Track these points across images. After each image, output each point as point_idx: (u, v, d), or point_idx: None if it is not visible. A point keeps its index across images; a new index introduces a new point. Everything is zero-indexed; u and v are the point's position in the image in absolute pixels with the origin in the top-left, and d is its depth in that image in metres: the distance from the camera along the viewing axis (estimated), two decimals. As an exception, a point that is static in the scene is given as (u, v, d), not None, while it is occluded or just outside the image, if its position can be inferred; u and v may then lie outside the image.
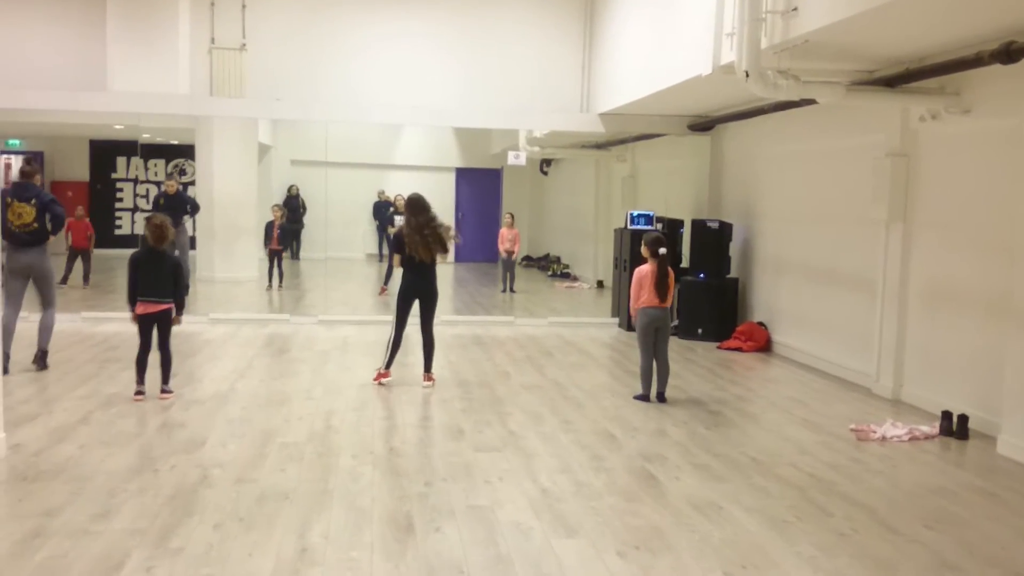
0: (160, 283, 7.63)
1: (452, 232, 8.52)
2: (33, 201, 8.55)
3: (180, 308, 7.81)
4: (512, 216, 16.39)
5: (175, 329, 7.91)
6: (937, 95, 7.73)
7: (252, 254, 16.07)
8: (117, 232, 19.59)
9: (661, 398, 8.09)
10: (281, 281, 15.71)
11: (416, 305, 8.47)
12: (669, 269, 8.07)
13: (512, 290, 16.00)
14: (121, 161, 20.32)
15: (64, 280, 14.45)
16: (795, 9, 6.86)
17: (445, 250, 8.43)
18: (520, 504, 5.33)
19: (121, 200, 20.28)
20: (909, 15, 6.26)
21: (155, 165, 18.65)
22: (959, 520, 5.29)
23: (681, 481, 5.85)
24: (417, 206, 8.40)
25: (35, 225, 8.53)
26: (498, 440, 6.73)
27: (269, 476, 5.71)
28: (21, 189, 8.64)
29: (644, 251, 8.14)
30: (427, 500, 5.35)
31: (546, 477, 5.85)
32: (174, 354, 7.90)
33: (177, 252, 13.54)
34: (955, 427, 7.15)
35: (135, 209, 19.72)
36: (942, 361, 7.90)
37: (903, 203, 8.39)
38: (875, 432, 7.13)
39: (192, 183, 15.95)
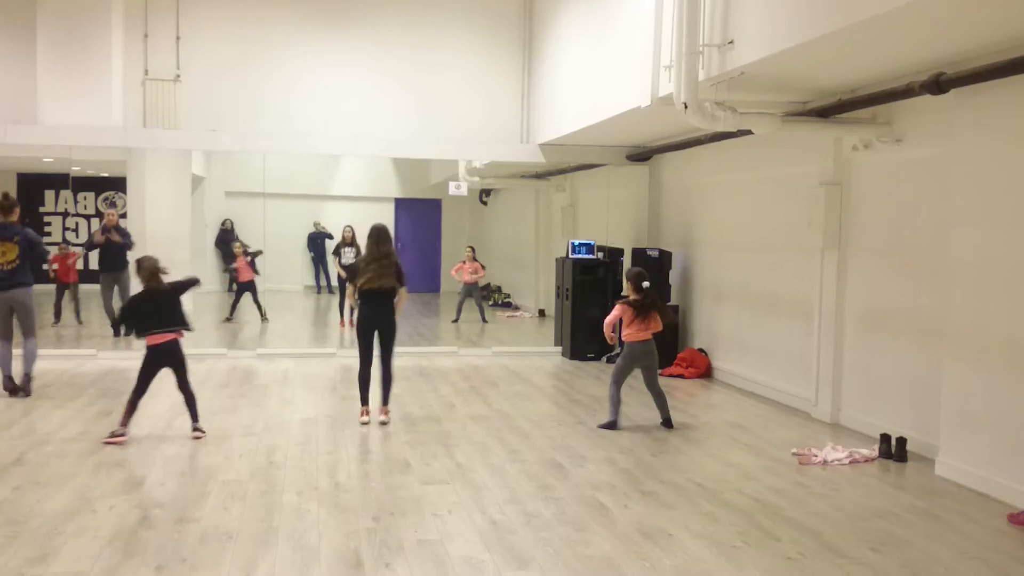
0: (161, 317, 7.56)
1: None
2: (16, 239, 8.71)
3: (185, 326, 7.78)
4: (472, 249, 16.52)
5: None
6: (869, 125, 7.96)
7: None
8: (44, 267, 19.05)
9: (668, 424, 8.28)
10: (263, 314, 15.46)
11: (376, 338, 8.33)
12: (655, 300, 8.29)
13: (483, 319, 16.15)
14: (49, 194, 19.83)
15: (57, 318, 14.36)
16: (731, 42, 7.02)
17: (399, 281, 8.20)
18: (470, 537, 5.28)
19: (50, 235, 19.77)
20: (841, 48, 6.43)
21: (85, 198, 18.25)
22: (902, 541, 5.38)
23: (630, 509, 5.86)
24: (380, 235, 8.27)
25: (17, 262, 8.68)
26: (445, 472, 6.67)
27: (212, 515, 5.58)
28: (2, 228, 8.77)
29: (627, 287, 8.31)
30: (375, 536, 5.27)
31: (496, 509, 5.81)
32: (107, 391, 7.70)
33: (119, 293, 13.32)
34: (894, 450, 7.30)
35: (64, 243, 19.25)
36: (879, 385, 8.07)
37: (838, 230, 8.58)
38: (816, 456, 7.23)
39: (124, 215, 15.62)
